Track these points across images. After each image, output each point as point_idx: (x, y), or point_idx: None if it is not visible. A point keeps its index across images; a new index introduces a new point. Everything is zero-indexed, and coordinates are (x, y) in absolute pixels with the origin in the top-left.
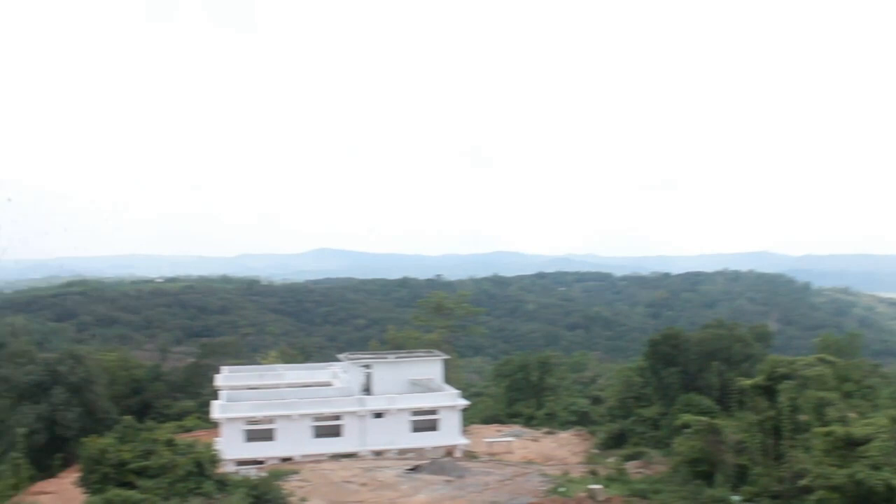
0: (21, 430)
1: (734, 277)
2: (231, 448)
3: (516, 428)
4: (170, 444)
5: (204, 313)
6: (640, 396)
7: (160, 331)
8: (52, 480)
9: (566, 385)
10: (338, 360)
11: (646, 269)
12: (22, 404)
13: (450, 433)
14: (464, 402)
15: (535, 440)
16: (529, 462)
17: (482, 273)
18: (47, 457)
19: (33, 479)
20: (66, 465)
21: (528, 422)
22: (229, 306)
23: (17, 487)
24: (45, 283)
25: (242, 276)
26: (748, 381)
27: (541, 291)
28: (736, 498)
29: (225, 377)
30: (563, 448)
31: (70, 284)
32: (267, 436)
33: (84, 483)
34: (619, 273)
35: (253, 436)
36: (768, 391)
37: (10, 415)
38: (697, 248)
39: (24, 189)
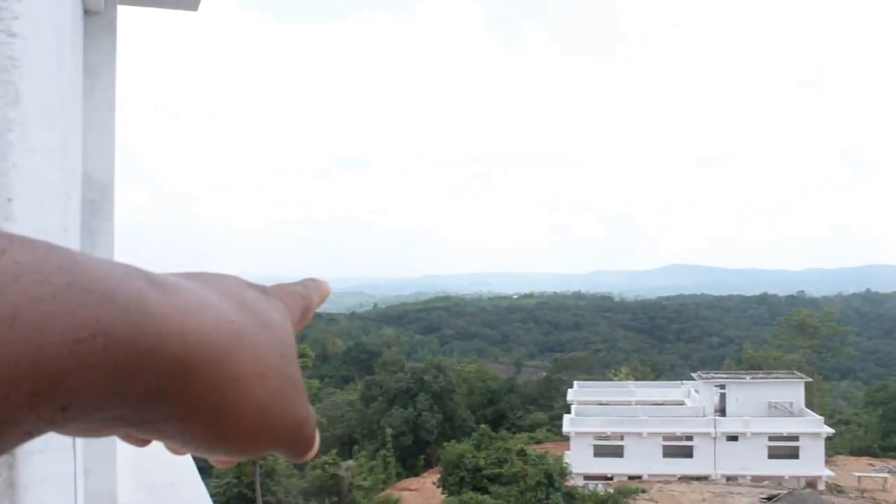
0: (390, 431)
1: None
2: (580, 462)
3: (893, 463)
4: (522, 454)
5: (557, 329)
6: None
7: (515, 345)
8: (414, 479)
9: None
10: (691, 378)
11: None
12: (392, 408)
13: (812, 463)
14: (829, 430)
15: None
16: None
17: (851, 289)
18: (411, 457)
19: (399, 476)
20: (427, 465)
21: None
22: (582, 322)
23: (386, 482)
24: (413, 298)
25: (595, 292)
26: None
27: None
28: None
29: (576, 392)
30: None
31: (435, 300)
32: (616, 452)
33: (443, 484)
34: None
35: (602, 451)
36: None
37: (383, 416)
38: None
39: (400, 219)
